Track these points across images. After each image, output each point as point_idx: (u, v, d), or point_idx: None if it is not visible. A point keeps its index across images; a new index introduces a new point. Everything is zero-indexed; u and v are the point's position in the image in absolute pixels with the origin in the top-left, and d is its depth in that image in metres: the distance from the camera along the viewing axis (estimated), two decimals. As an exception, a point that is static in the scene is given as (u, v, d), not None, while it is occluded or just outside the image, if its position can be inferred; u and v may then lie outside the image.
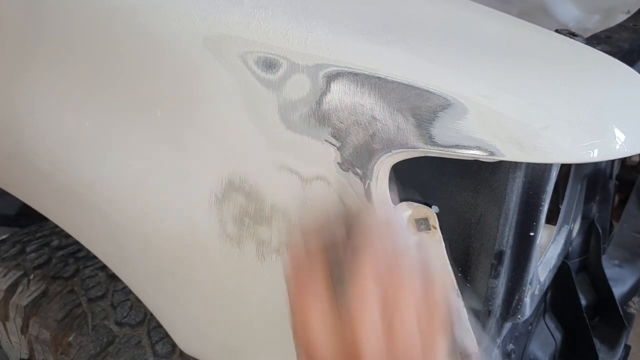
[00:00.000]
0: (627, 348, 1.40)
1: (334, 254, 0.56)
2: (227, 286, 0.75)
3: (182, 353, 1.05)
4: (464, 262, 0.75)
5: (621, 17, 1.30)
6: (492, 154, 0.60)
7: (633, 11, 1.27)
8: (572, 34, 0.78)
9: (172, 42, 0.73)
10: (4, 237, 1.33)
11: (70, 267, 1.18)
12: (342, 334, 0.51)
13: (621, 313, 1.35)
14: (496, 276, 0.74)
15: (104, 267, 1.17)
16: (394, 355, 0.51)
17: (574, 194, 1.03)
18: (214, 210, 0.73)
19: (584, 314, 1.23)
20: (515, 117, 0.60)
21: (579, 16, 1.49)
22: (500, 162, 0.68)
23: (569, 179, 1.00)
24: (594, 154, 0.61)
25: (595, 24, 1.51)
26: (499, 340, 0.88)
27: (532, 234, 0.73)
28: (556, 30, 0.77)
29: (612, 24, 1.11)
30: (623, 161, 1.69)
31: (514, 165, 0.68)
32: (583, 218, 1.24)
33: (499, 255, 0.73)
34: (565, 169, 1.00)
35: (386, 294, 0.52)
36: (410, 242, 0.63)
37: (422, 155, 0.64)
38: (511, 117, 0.60)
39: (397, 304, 0.52)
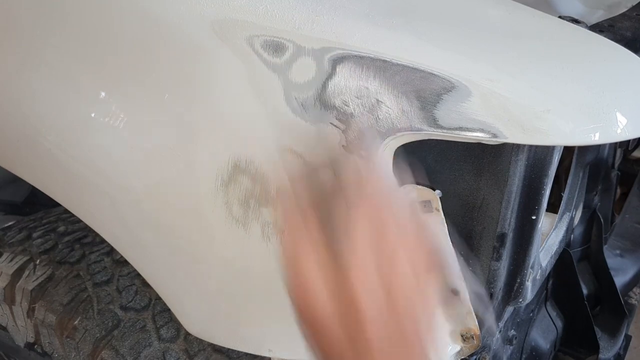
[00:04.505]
0: (628, 338, 1.41)
1: (324, 203, 0.54)
2: (234, 267, 0.76)
3: (186, 337, 1.07)
4: (467, 245, 0.76)
5: (625, 13, 1.30)
6: (494, 136, 0.61)
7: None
8: (575, 21, 0.79)
9: (179, 25, 0.74)
10: (10, 223, 1.34)
11: (76, 253, 1.19)
12: (338, 284, 0.50)
13: (622, 302, 1.36)
14: (498, 259, 0.75)
15: (109, 253, 1.18)
16: (392, 303, 0.49)
17: (575, 181, 1.04)
18: (220, 192, 0.74)
19: (586, 303, 1.24)
20: (517, 100, 0.61)
21: (583, 11, 1.49)
22: (503, 145, 0.69)
23: (570, 165, 1.01)
24: (595, 137, 0.62)
25: (599, 20, 1.52)
26: (500, 325, 0.89)
27: (533, 217, 0.74)
28: (559, 17, 0.78)
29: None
30: (625, 155, 1.70)
31: (517, 148, 0.68)
32: (585, 207, 1.25)
33: (501, 238, 0.74)
34: (567, 157, 1.00)
35: (380, 242, 0.51)
36: (399, 195, 0.62)
37: (426, 137, 0.65)
38: (514, 99, 0.61)
39: (391, 252, 0.50)
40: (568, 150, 0.97)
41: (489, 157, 0.71)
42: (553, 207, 1.02)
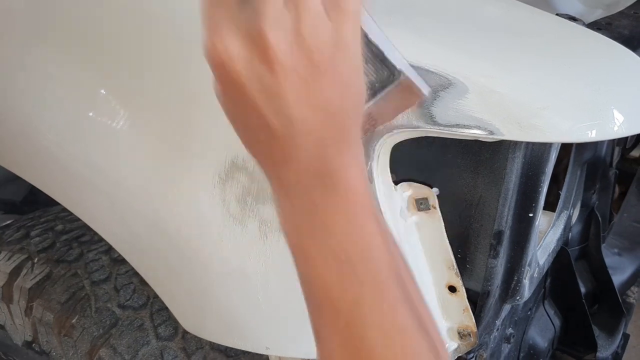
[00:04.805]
0: (626, 336, 1.41)
1: None
2: (231, 265, 0.76)
3: (184, 335, 1.06)
4: (464, 242, 0.76)
5: (623, 13, 1.30)
6: (492, 133, 0.61)
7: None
8: (572, 18, 0.79)
9: (178, 22, 0.74)
10: (8, 222, 1.34)
11: (74, 251, 1.19)
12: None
13: (620, 301, 1.36)
14: (495, 256, 0.75)
15: (107, 251, 1.18)
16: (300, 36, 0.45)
17: (573, 179, 1.04)
18: (217, 190, 0.74)
19: (584, 301, 1.24)
20: (515, 97, 0.61)
21: (582, 10, 1.49)
22: (500, 142, 0.69)
23: (568, 164, 1.01)
24: (592, 134, 0.62)
25: (597, 18, 1.52)
26: (498, 323, 0.89)
27: (531, 215, 0.74)
28: (557, 14, 0.78)
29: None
30: (623, 154, 1.70)
31: (514, 145, 0.69)
32: (583, 206, 1.25)
33: (498, 236, 0.74)
34: (565, 155, 1.00)
35: None
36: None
37: (424, 135, 0.65)
38: (511, 96, 0.61)
39: None
40: (565, 149, 0.97)
41: (486, 154, 0.71)
42: (551, 206, 1.02)
